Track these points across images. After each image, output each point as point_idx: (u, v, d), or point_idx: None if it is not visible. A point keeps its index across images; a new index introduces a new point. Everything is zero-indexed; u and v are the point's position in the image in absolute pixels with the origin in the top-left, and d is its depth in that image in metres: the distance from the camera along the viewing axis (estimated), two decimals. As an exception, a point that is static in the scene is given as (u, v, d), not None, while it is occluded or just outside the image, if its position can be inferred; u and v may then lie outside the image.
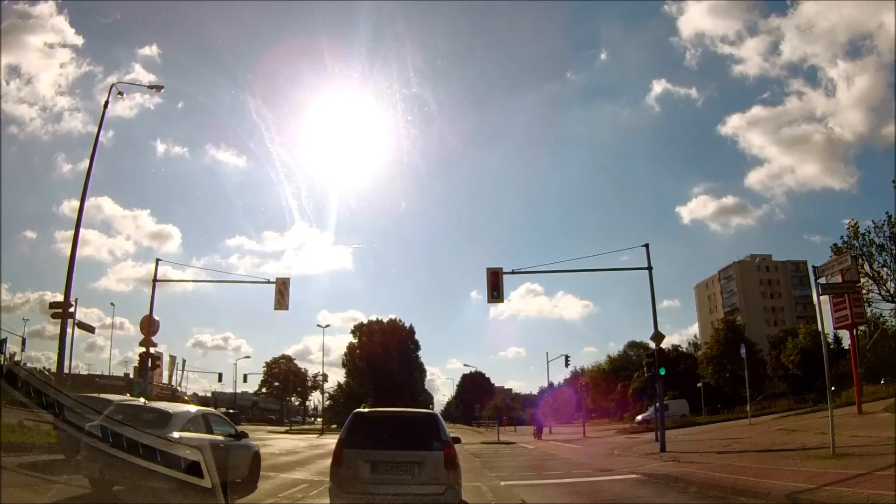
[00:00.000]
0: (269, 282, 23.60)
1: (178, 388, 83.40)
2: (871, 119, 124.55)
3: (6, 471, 10.37)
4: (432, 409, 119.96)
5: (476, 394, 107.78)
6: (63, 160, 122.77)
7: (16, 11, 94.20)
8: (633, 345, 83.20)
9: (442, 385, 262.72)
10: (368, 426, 9.00)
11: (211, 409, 15.01)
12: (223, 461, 10.32)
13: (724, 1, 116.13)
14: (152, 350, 26.29)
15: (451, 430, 10.33)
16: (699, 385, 54.40)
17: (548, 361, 54.67)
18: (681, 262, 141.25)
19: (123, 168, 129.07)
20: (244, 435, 12.82)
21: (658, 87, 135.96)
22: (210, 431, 11.12)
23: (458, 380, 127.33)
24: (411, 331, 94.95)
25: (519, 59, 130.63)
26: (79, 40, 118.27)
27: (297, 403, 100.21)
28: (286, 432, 51.60)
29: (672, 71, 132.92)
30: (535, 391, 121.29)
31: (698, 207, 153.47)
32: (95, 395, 14.86)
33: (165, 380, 73.60)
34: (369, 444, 8.49)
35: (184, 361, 72.05)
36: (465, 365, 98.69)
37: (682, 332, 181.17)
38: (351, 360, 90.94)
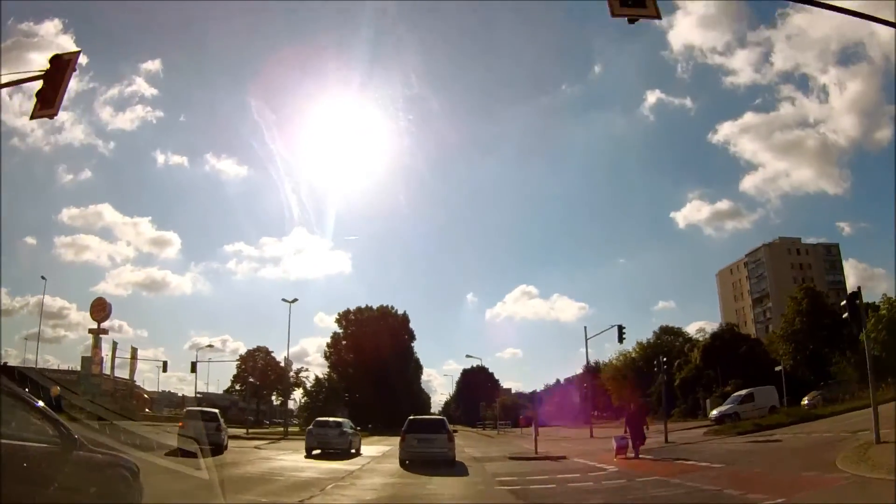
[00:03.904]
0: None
1: (135, 380, 70.58)
2: (864, 123, 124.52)
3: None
4: (430, 408, 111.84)
5: (479, 392, 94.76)
6: (63, 171, 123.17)
7: (21, 30, 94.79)
8: (666, 330, 70.83)
9: (439, 386, 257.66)
10: (416, 423, 20.52)
11: (348, 420, 29.43)
12: (353, 441, 26.13)
13: (713, 11, 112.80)
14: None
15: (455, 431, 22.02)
16: (778, 369, 41.90)
17: (586, 339, 41.57)
18: (676, 266, 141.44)
19: (125, 177, 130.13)
20: (357, 428, 29.51)
21: (652, 97, 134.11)
22: (350, 429, 26.93)
23: (455, 379, 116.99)
24: (405, 319, 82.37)
25: (514, 72, 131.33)
26: (83, 58, 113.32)
27: (278, 402, 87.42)
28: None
29: (665, 82, 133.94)
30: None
31: (693, 212, 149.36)
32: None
33: (107, 370, 60.66)
34: (416, 431, 19.80)
35: (134, 350, 59.03)
36: (467, 356, 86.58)
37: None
38: (335, 351, 78.21)
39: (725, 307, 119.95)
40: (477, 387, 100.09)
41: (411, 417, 21.00)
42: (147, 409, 67.65)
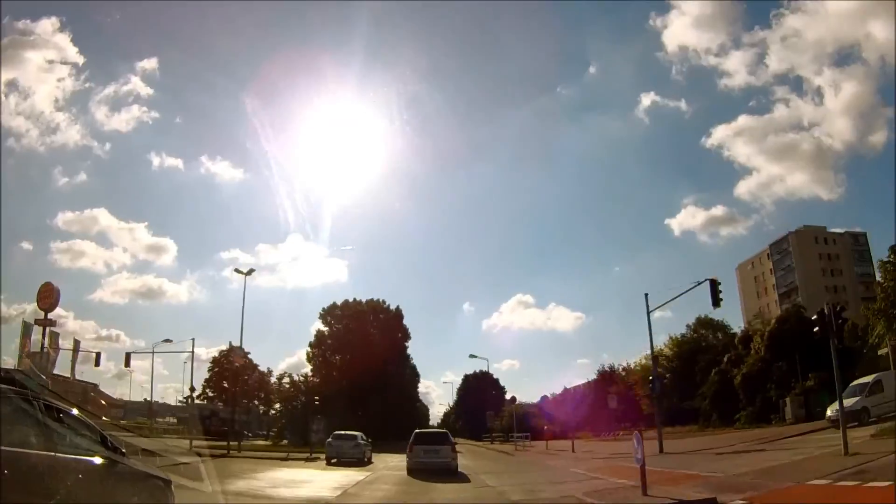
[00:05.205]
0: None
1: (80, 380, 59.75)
2: (859, 127, 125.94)
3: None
4: (429, 420, 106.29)
5: (483, 400, 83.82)
6: (59, 173, 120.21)
7: (17, 29, 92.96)
8: (704, 323, 60.72)
9: (437, 398, 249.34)
10: (422, 436, 22.59)
11: (361, 433, 31.12)
12: (366, 451, 29.33)
13: (708, 12, 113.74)
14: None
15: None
16: (884, 352, 32.22)
17: (648, 312, 29.91)
18: (672, 274, 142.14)
19: (121, 180, 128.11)
20: (369, 440, 31.64)
21: (647, 99, 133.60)
22: (363, 440, 29.91)
23: (454, 390, 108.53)
24: (398, 314, 71.74)
25: (509, 74, 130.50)
26: (80, 58, 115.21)
27: (263, 411, 76.41)
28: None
29: (660, 84, 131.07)
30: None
31: (687, 218, 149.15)
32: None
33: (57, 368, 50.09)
34: (422, 443, 21.63)
35: (76, 342, 48.19)
36: (470, 356, 74.81)
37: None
38: (320, 352, 67.48)
39: (747, 304, 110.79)
40: (480, 394, 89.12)
41: (417, 431, 23.62)
42: (104, 417, 57.29)
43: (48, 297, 43.96)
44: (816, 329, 17.51)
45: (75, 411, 5.91)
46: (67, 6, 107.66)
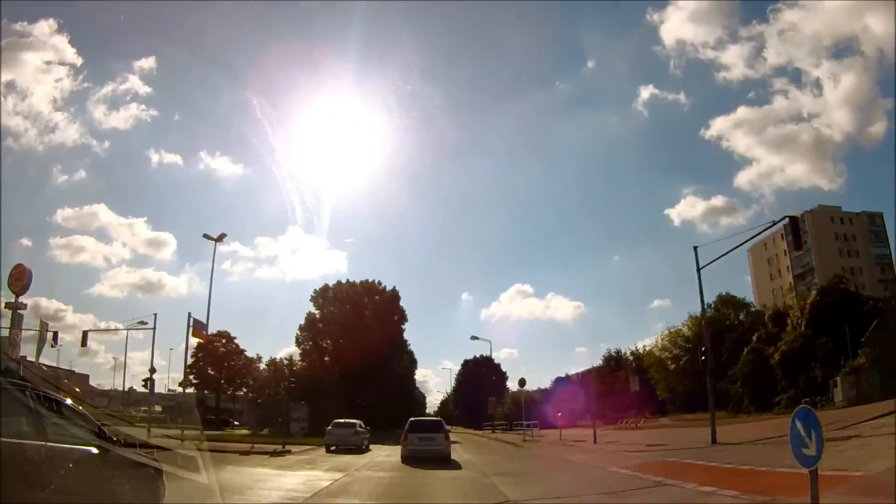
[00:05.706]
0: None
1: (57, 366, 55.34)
2: (859, 118, 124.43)
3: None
4: (426, 408, 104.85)
5: (483, 387, 79.30)
6: (58, 171, 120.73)
7: (15, 31, 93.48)
8: (727, 301, 56.22)
9: (434, 387, 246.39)
10: (417, 424, 23.34)
11: (360, 422, 32.09)
12: (363, 439, 30.40)
13: (705, 6, 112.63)
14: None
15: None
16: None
17: (698, 269, 23.91)
18: (671, 264, 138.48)
19: (120, 177, 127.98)
20: (367, 428, 32.80)
21: (645, 92, 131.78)
22: (361, 429, 30.92)
23: (452, 377, 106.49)
24: (394, 296, 66.85)
25: (507, 69, 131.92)
26: (77, 59, 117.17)
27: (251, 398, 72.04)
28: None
29: (658, 77, 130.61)
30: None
31: (687, 208, 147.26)
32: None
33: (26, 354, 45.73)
34: (417, 431, 22.44)
35: (43, 323, 43.67)
36: (472, 338, 69.91)
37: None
38: (310, 336, 62.70)
39: (760, 288, 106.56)
40: (480, 380, 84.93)
41: (412, 419, 24.35)
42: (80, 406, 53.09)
43: (20, 279, 39.78)
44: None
45: (69, 401, 6.21)
46: (65, 8, 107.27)
